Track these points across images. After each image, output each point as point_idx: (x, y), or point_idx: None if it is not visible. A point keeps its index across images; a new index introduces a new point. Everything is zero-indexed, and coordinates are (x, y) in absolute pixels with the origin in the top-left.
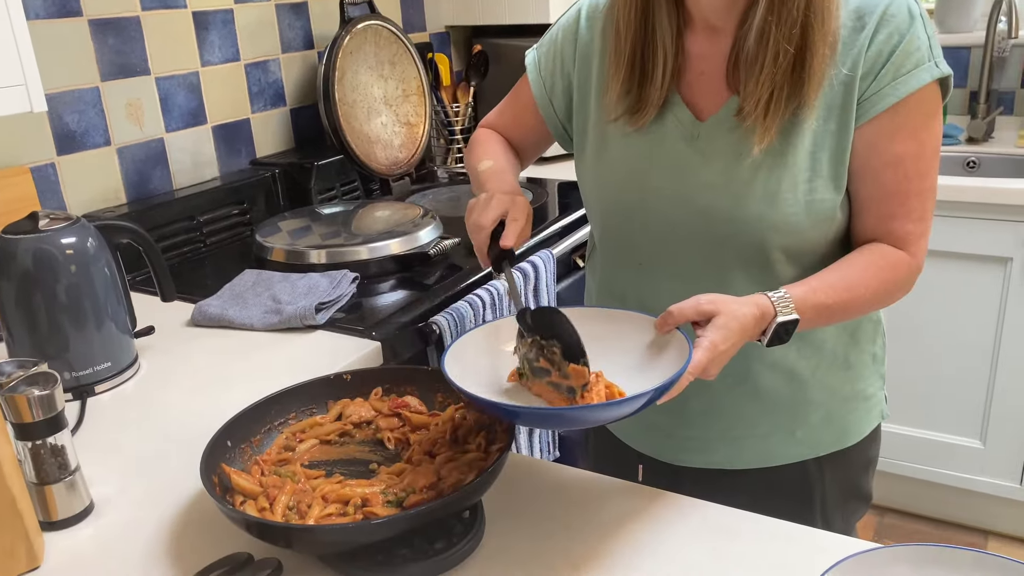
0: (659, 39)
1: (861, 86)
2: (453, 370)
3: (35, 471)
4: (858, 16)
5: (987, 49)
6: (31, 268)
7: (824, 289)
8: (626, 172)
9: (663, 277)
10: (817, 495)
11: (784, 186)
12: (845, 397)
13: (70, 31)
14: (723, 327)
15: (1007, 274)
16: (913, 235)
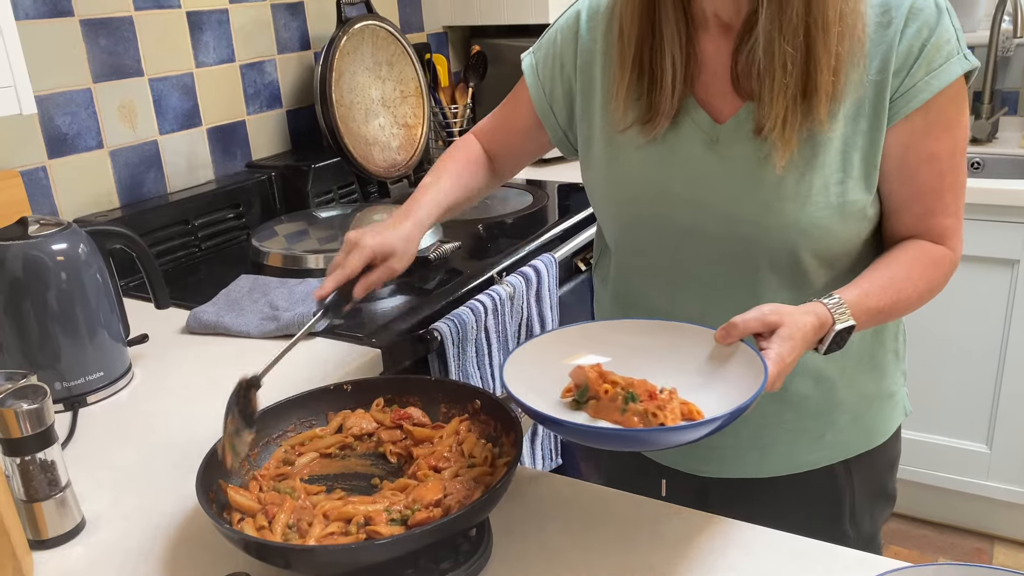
0: (666, 41)
1: (893, 83)
2: (515, 385)
3: (24, 488)
4: (884, 11)
5: (991, 49)
6: (21, 275)
7: (876, 292)
8: (643, 181)
9: (689, 286)
10: (847, 498)
11: (815, 188)
12: (871, 397)
13: (61, 31)
14: (788, 338)
15: (1014, 276)
16: (951, 229)
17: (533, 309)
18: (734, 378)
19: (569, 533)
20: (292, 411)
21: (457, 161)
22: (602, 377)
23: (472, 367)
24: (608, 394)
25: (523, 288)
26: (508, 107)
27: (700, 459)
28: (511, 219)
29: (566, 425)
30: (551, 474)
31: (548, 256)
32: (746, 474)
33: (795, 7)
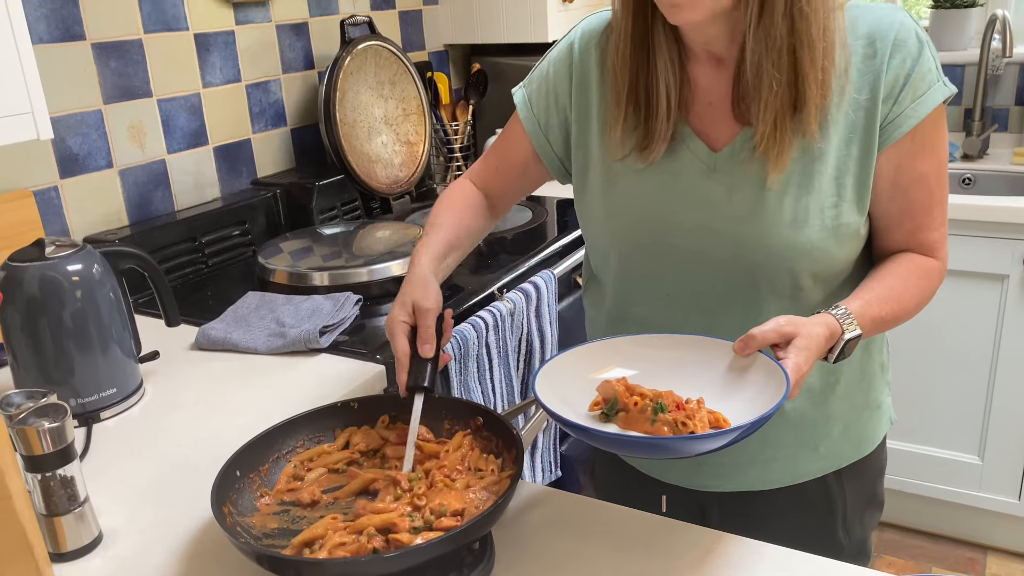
0: (660, 71)
1: (883, 110)
2: (546, 396)
3: (44, 503)
4: (869, 42)
5: (981, 67)
6: (38, 295)
7: (877, 302)
8: (643, 207)
9: (691, 308)
10: (839, 506)
11: (812, 212)
12: (860, 408)
13: (73, 55)
14: (804, 348)
15: (1004, 291)
16: (939, 242)
17: (533, 325)
18: (756, 387)
19: (569, 546)
20: (301, 428)
21: (455, 202)
22: (629, 390)
23: (474, 382)
24: (637, 406)
25: (523, 304)
26: (502, 145)
27: (705, 475)
28: (511, 235)
29: (600, 435)
30: (553, 489)
31: (547, 272)
32: (745, 487)
33: (779, 29)
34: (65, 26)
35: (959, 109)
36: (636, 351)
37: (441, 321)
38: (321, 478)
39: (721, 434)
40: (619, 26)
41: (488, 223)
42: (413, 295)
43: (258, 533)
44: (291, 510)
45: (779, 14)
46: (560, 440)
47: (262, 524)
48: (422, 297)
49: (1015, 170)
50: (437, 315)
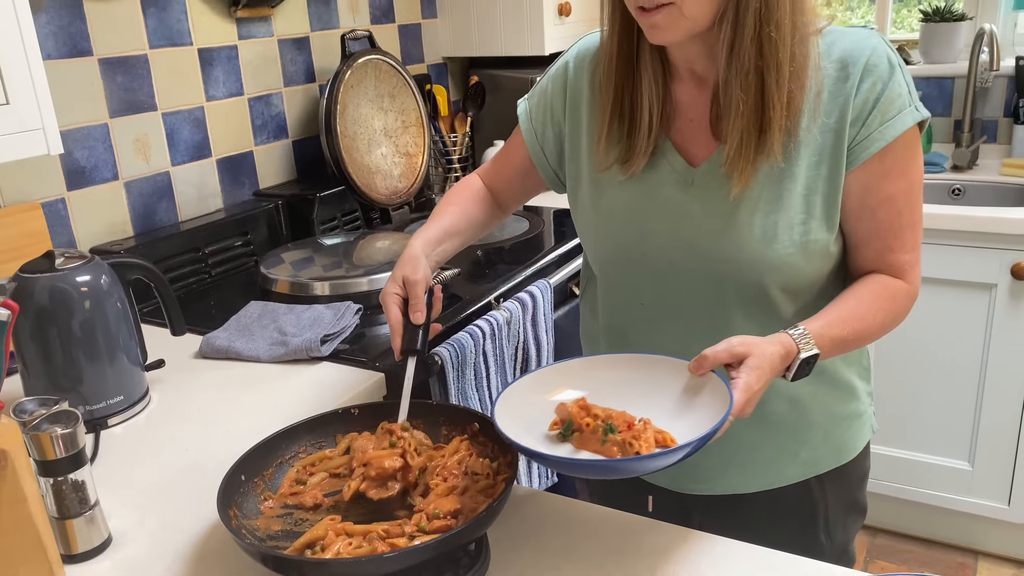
0: (644, 89)
1: (851, 133)
2: (504, 422)
3: (56, 506)
4: (841, 66)
5: (970, 79)
6: (47, 305)
7: (838, 323)
8: (625, 218)
9: (666, 316)
10: (820, 511)
11: (780, 228)
12: (841, 416)
13: (81, 70)
14: (756, 367)
15: (992, 300)
16: (909, 264)
17: (529, 333)
18: (706, 407)
19: (561, 547)
20: (303, 433)
21: (459, 194)
22: (584, 410)
23: (471, 389)
24: (590, 427)
25: (519, 313)
26: (507, 149)
27: (686, 478)
28: (508, 245)
29: (548, 458)
30: (546, 492)
31: (543, 282)
32: (728, 491)
33: (748, 53)
34: (73, 42)
35: (949, 121)
36: (592, 373)
37: (431, 295)
38: (323, 482)
39: (663, 454)
40: (607, 45)
41: (493, 216)
42: (403, 270)
43: (262, 535)
44: (294, 513)
45: (748, 38)
46: None
47: (266, 526)
48: (411, 271)
49: (1004, 181)
50: (426, 287)
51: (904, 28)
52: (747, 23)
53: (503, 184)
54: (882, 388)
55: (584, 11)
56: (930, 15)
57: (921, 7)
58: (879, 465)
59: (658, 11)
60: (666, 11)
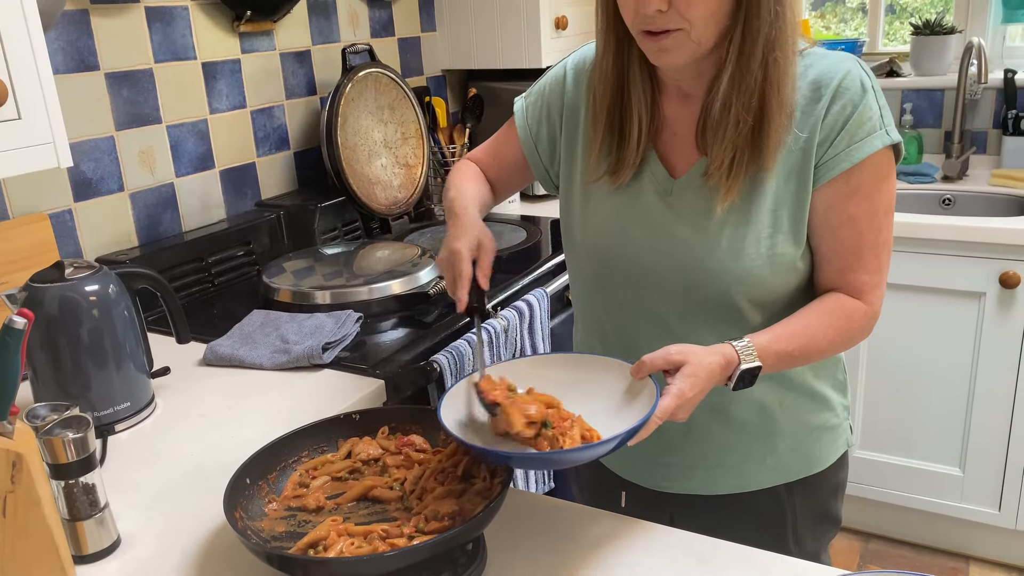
0: (634, 104)
1: (818, 152)
2: (449, 419)
3: (68, 508)
4: (815, 88)
5: (959, 92)
6: (57, 314)
7: (785, 337)
8: (609, 224)
9: (641, 321)
10: (789, 518)
11: (748, 241)
12: (810, 427)
13: (88, 84)
14: (691, 375)
15: (981, 308)
16: (869, 285)
17: (526, 341)
18: (639, 408)
19: (552, 546)
20: (306, 438)
21: (470, 175)
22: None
23: None
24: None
25: (516, 321)
26: (499, 142)
27: (658, 475)
28: (506, 254)
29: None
30: (540, 495)
31: (540, 291)
32: (695, 490)
33: (754, 75)
34: (80, 57)
35: (939, 132)
36: (538, 372)
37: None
38: (325, 485)
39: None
40: (600, 63)
41: (492, 199)
42: (480, 233)
43: (267, 536)
44: (297, 515)
45: (756, 61)
46: None
47: (270, 528)
48: (487, 239)
49: (993, 191)
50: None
51: (897, 40)
52: (756, 48)
53: (495, 175)
54: (873, 395)
55: (580, 25)
56: (920, 28)
57: (912, 20)
58: (871, 471)
59: (666, 35)
60: (675, 35)
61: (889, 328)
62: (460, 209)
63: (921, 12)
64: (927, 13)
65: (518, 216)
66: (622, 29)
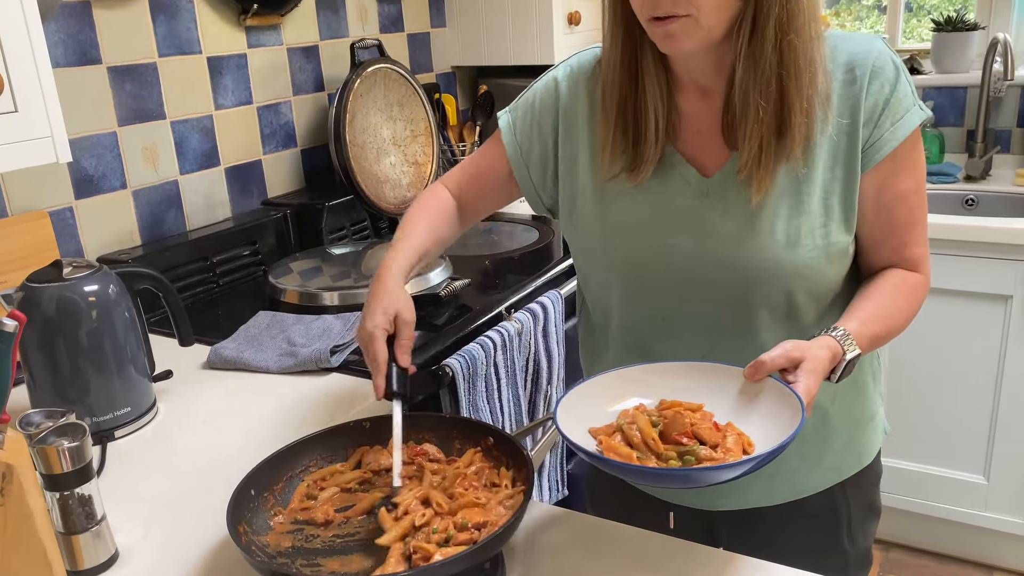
0: (648, 98)
1: (864, 134)
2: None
3: (63, 521)
4: (848, 69)
5: (983, 89)
6: (54, 315)
7: (872, 320)
8: (637, 231)
9: (688, 330)
10: (844, 516)
11: (803, 233)
12: (859, 419)
13: (90, 78)
14: (813, 371)
15: (1007, 312)
16: (923, 257)
17: (540, 344)
18: (771, 413)
19: (579, 565)
20: (314, 447)
21: (429, 210)
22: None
23: (482, 401)
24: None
25: (531, 324)
26: (482, 160)
27: (709, 495)
28: (518, 255)
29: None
30: (564, 509)
31: (554, 292)
32: (753, 504)
33: (768, 60)
34: (82, 50)
35: (961, 131)
36: (648, 379)
37: None
38: (334, 497)
39: (741, 464)
40: (609, 56)
41: (456, 232)
42: (396, 306)
43: (272, 552)
44: (304, 529)
45: (769, 45)
46: (567, 459)
47: (276, 543)
48: (406, 310)
49: (1017, 191)
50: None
51: (914, 38)
52: (768, 31)
53: (473, 196)
54: (897, 400)
55: (594, 20)
56: (942, 24)
57: (932, 16)
58: (893, 479)
59: (673, 20)
60: (683, 20)
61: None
62: (383, 271)
63: (940, 9)
64: (946, 10)
65: (529, 216)
66: (632, 19)
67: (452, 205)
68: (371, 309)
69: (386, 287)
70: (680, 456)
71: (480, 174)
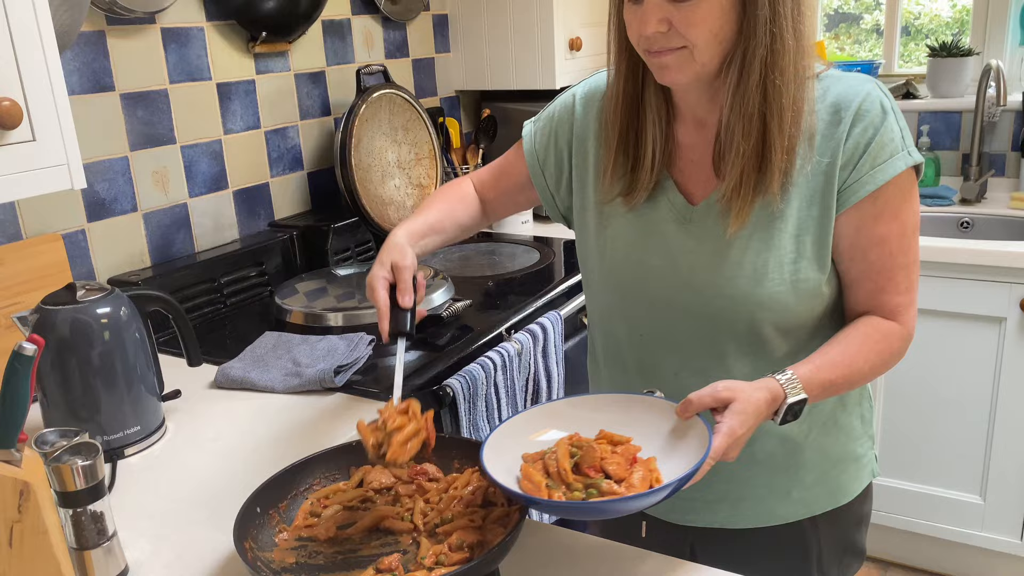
0: (648, 129)
1: (841, 176)
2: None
3: (76, 537)
4: (835, 111)
5: (977, 114)
6: (68, 336)
7: (827, 366)
8: (625, 251)
9: (663, 349)
10: (814, 552)
11: (771, 266)
12: (836, 458)
13: (103, 105)
14: (740, 412)
15: (1001, 333)
16: (902, 306)
17: (540, 364)
18: (689, 448)
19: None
20: (317, 466)
21: (448, 193)
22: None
23: (482, 421)
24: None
25: (530, 345)
26: (506, 163)
27: (682, 509)
28: (519, 276)
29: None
30: (554, 526)
31: (554, 313)
32: (719, 524)
33: (753, 98)
34: (96, 78)
35: (957, 154)
36: (578, 414)
37: (415, 280)
38: (337, 515)
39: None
40: (614, 87)
41: (478, 221)
42: (391, 255)
43: (277, 568)
44: (308, 545)
45: (754, 84)
46: None
47: (281, 559)
48: (400, 257)
49: (1012, 214)
50: (412, 273)
51: (912, 62)
52: (753, 69)
53: (495, 195)
54: (892, 421)
55: (595, 46)
56: (937, 50)
57: (928, 42)
58: (890, 499)
59: (668, 52)
60: (678, 52)
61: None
62: (391, 234)
63: (937, 34)
64: (943, 35)
65: (531, 237)
66: (635, 53)
67: (473, 195)
68: (375, 264)
69: (387, 244)
70: (584, 488)
71: (503, 174)
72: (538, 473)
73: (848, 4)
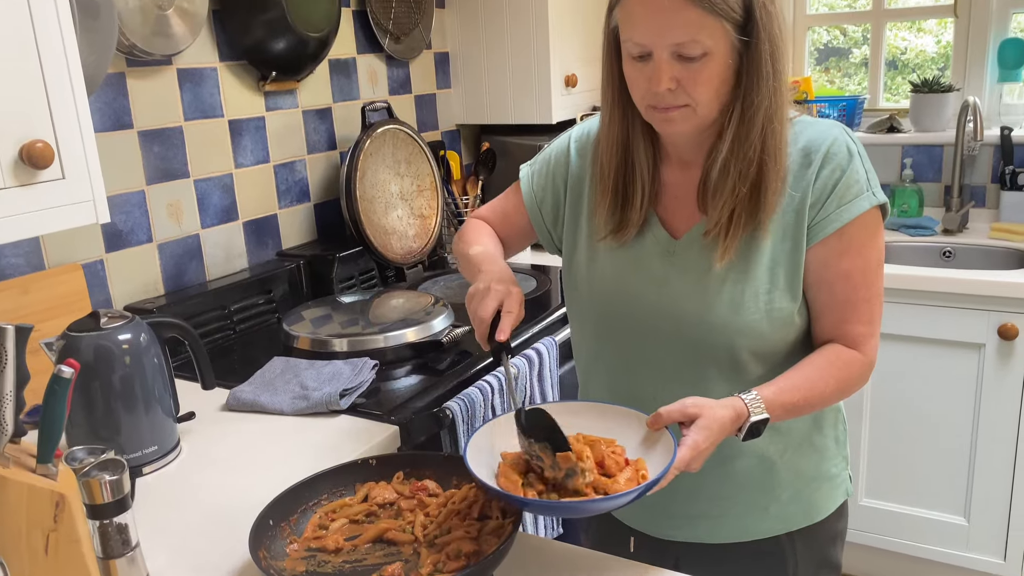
0: (638, 171)
1: (810, 214)
2: (474, 463)
3: (102, 547)
4: (805, 154)
5: (957, 147)
6: (92, 361)
7: (790, 389)
8: (614, 282)
9: (647, 375)
10: (791, 565)
11: (747, 296)
12: (811, 477)
13: (122, 142)
14: (705, 428)
15: (981, 359)
16: (864, 336)
17: (536, 388)
18: (657, 459)
19: None
20: (326, 482)
21: (483, 227)
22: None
23: None
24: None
25: (527, 369)
26: (506, 204)
27: (665, 524)
28: None
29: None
30: (547, 539)
31: (550, 339)
32: (700, 539)
33: (753, 143)
34: (116, 117)
35: (939, 186)
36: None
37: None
38: (343, 527)
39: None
40: (607, 132)
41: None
42: (516, 292)
43: (289, 575)
44: (317, 555)
45: (756, 132)
46: None
47: (292, 568)
48: (518, 300)
49: (992, 244)
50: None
51: (900, 95)
52: (756, 119)
53: (503, 235)
54: (877, 444)
55: (590, 82)
56: (919, 86)
57: (911, 78)
58: (877, 520)
59: (673, 109)
60: (682, 109)
61: (891, 378)
62: (485, 261)
63: (922, 69)
64: (928, 70)
65: (528, 265)
66: (627, 103)
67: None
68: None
69: (500, 268)
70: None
71: (506, 215)
72: (515, 472)
73: (838, 39)
